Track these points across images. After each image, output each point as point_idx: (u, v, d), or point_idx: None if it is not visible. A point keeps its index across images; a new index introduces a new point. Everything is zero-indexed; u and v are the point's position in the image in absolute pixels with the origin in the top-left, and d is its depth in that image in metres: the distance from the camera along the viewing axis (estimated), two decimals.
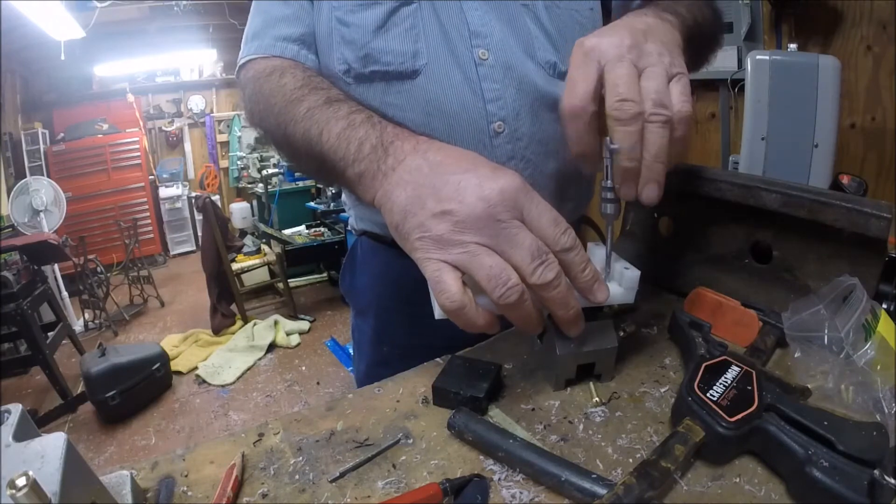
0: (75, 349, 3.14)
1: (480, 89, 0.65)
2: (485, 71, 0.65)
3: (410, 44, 0.65)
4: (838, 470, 0.36)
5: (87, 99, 5.66)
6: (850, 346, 0.50)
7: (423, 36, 0.65)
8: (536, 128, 0.68)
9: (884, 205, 0.54)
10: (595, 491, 0.38)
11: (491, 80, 0.66)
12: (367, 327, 0.84)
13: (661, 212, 0.79)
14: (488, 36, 0.65)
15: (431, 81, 0.65)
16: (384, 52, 0.65)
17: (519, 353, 0.61)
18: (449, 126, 0.66)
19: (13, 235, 3.44)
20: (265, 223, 4.47)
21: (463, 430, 0.46)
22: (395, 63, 0.65)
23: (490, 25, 0.66)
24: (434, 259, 0.43)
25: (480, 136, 0.66)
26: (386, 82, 0.66)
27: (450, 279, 0.43)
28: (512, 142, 0.67)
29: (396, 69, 0.65)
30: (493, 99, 0.66)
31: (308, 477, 0.44)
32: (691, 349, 0.52)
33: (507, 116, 0.66)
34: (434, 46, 0.65)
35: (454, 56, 0.65)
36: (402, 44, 0.65)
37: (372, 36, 0.65)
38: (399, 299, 0.79)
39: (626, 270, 0.50)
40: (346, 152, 0.51)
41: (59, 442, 0.33)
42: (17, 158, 4.87)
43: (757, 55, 1.68)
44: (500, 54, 0.66)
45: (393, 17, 0.65)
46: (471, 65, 0.65)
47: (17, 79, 4.90)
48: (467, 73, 0.65)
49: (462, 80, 0.65)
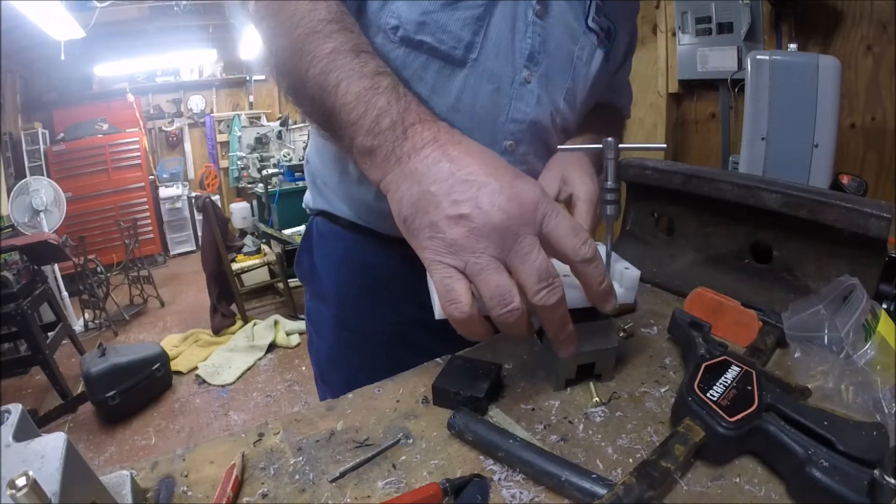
0: (75, 349, 3.14)
1: (510, 107, 0.67)
2: (521, 92, 0.66)
3: (470, 33, 0.62)
4: (838, 470, 0.36)
5: (87, 99, 5.66)
6: (850, 346, 0.50)
7: (484, 31, 0.63)
8: (537, 157, 0.72)
9: (884, 205, 0.55)
10: (595, 491, 0.38)
11: (523, 102, 0.67)
12: (329, 313, 0.83)
13: (661, 212, 0.79)
14: (540, 64, 0.66)
15: (471, 78, 0.64)
16: (442, 29, 0.61)
17: (519, 353, 0.61)
18: (468, 128, 0.63)
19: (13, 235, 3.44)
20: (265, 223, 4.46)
21: (463, 430, 0.46)
22: (448, 44, 0.62)
23: (547, 55, 0.66)
24: (445, 264, 0.43)
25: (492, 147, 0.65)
26: (429, 57, 0.63)
27: (461, 289, 0.42)
28: (516, 164, 0.66)
29: (447, 51, 0.62)
30: (516, 120, 0.67)
31: (308, 477, 0.44)
32: (691, 349, 0.52)
33: (521, 140, 0.69)
34: (489, 48, 0.64)
35: (502, 65, 0.65)
36: (462, 28, 0.62)
37: (439, 6, 0.61)
38: (362, 286, 0.79)
39: (626, 270, 0.50)
40: (363, 119, 0.47)
41: (59, 442, 0.33)
42: (17, 158, 4.87)
43: (757, 55, 1.68)
44: (541, 85, 0.67)
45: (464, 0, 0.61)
46: (511, 81, 0.66)
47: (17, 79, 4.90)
48: (505, 87, 0.65)
49: (497, 90, 0.65)
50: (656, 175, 0.75)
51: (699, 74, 2.15)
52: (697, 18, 2.09)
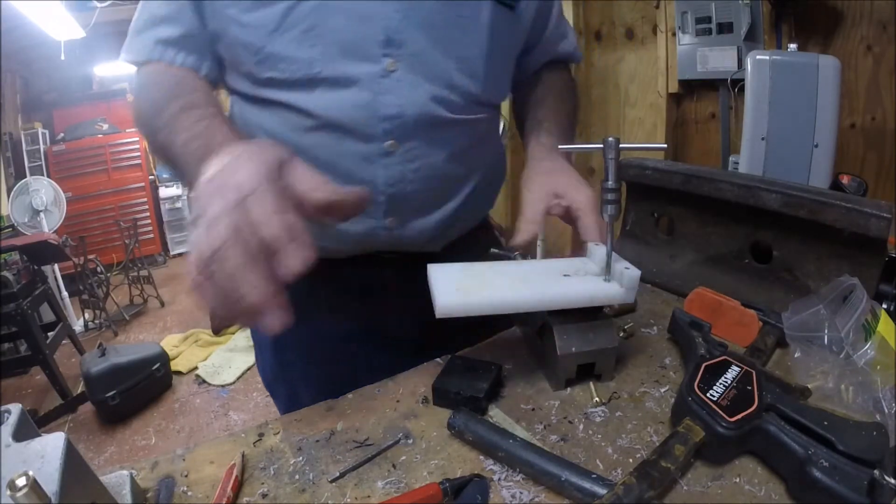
0: (75, 349, 3.14)
1: (377, 104, 0.59)
2: (389, 84, 0.59)
3: (306, 49, 0.58)
4: (838, 470, 0.36)
5: (87, 99, 5.65)
6: (850, 346, 0.50)
7: (321, 41, 0.58)
8: (430, 153, 0.64)
9: (884, 205, 0.55)
10: (595, 491, 0.38)
11: (393, 95, 0.60)
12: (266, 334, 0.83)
13: (661, 212, 0.79)
14: (403, 45, 0.59)
15: (326, 93, 0.59)
16: (279, 58, 0.59)
17: (519, 353, 0.61)
18: (338, 142, 0.61)
19: (13, 235, 3.44)
20: None
21: (463, 430, 0.46)
22: (290, 70, 0.59)
23: (408, 33, 0.59)
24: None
25: (370, 154, 0.62)
26: (284, 90, 0.61)
27: None
28: (402, 163, 0.63)
29: (291, 77, 0.59)
30: (390, 116, 0.60)
31: (308, 477, 0.44)
32: (691, 349, 0.52)
33: (403, 136, 0.61)
34: (333, 54, 0.58)
35: (356, 65, 0.59)
36: (297, 49, 0.58)
37: (268, 39, 0.58)
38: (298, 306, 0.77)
39: (626, 270, 0.50)
40: (186, 163, 0.52)
41: (59, 442, 0.33)
42: (17, 158, 4.86)
43: (757, 55, 1.68)
44: (413, 68, 0.60)
45: (290, 17, 0.57)
46: (374, 76, 0.59)
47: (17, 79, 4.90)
48: (367, 85, 0.59)
49: (358, 91, 0.59)
50: (656, 175, 0.75)
51: (699, 74, 2.15)
52: (697, 18, 2.09)
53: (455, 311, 0.48)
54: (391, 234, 0.67)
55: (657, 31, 2.29)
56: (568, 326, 0.52)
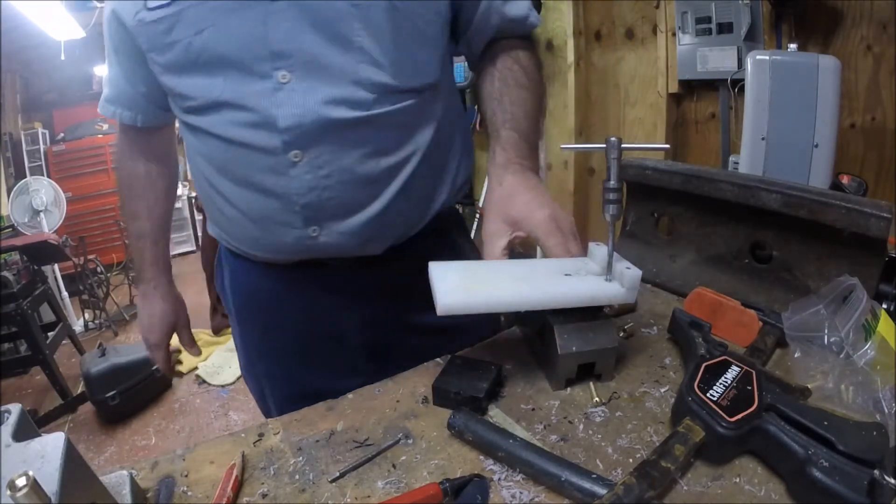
0: (75, 349, 3.14)
1: (274, 116, 0.59)
2: (283, 96, 0.59)
3: (211, 79, 0.60)
4: (838, 470, 0.36)
5: (87, 99, 5.64)
6: (850, 346, 0.50)
7: (220, 69, 0.59)
8: (340, 156, 0.61)
9: (884, 205, 0.55)
10: (595, 491, 0.38)
11: (289, 106, 0.59)
12: (236, 331, 0.85)
13: (661, 212, 0.79)
14: (293, 55, 0.58)
15: (227, 114, 0.61)
16: (191, 88, 0.62)
17: (519, 353, 0.61)
18: (247, 158, 0.62)
19: (13, 235, 3.43)
20: None
21: (463, 430, 0.46)
22: (201, 98, 0.62)
23: (297, 41, 0.58)
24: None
25: (277, 167, 0.61)
26: (199, 115, 0.64)
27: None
28: (312, 171, 0.61)
29: (202, 104, 0.62)
30: (289, 127, 0.59)
31: (308, 477, 0.44)
32: (691, 349, 0.52)
33: (305, 145, 0.60)
34: (234, 78, 0.59)
35: (250, 84, 0.59)
36: (204, 79, 0.61)
37: (179, 74, 0.62)
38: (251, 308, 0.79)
39: (627, 270, 0.50)
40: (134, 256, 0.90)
41: (59, 442, 0.33)
42: (17, 158, 4.86)
43: (757, 55, 1.68)
44: (309, 74, 0.59)
45: (190, 52, 0.60)
46: (267, 91, 0.59)
47: (17, 79, 4.90)
48: (260, 102, 0.59)
49: (256, 107, 0.59)
50: (656, 175, 0.75)
51: (699, 74, 2.14)
52: (697, 18, 2.09)
53: (456, 309, 0.48)
54: (318, 243, 0.65)
55: (657, 31, 2.28)
56: (568, 326, 0.52)
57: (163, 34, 0.60)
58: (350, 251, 0.68)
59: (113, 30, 0.69)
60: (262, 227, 0.66)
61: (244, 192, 0.65)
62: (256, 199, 0.65)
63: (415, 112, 0.65)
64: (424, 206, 0.72)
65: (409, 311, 0.74)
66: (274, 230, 0.66)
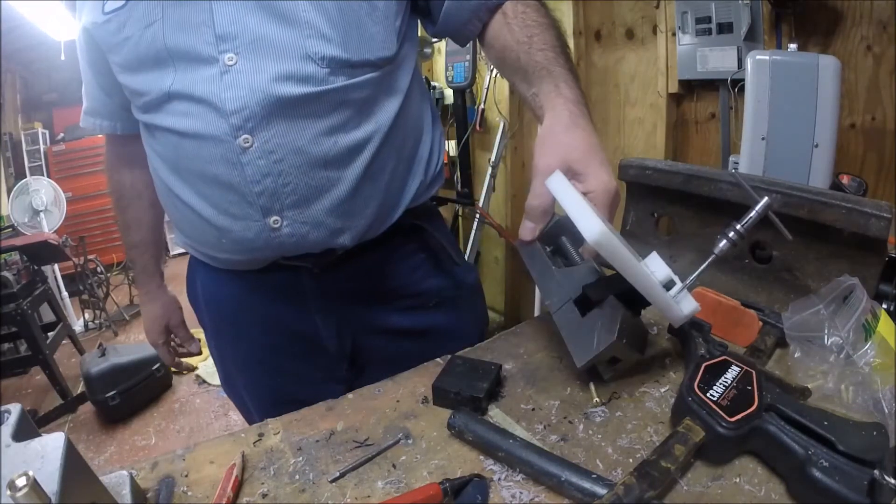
0: (75, 349, 3.14)
1: (222, 100, 0.57)
2: (230, 78, 0.57)
3: (164, 71, 0.60)
4: (838, 470, 0.36)
5: None
6: (850, 346, 0.50)
7: (172, 60, 0.59)
8: (292, 137, 0.59)
9: (884, 205, 0.54)
10: (595, 491, 0.38)
11: (236, 88, 0.57)
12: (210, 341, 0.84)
13: (661, 212, 0.79)
14: (237, 37, 0.57)
15: (177, 106, 0.60)
16: (140, 86, 0.62)
17: (519, 353, 0.61)
18: (198, 150, 0.61)
19: (13, 235, 3.43)
20: None
21: (463, 430, 0.46)
22: (150, 94, 0.62)
23: (242, 22, 0.57)
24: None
25: (228, 154, 0.59)
26: (152, 112, 0.63)
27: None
28: (264, 156, 0.59)
29: (150, 100, 0.62)
30: (236, 110, 0.57)
31: (308, 477, 0.44)
32: (691, 349, 0.52)
33: (254, 128, 0.58)
34: (185, 68, 0.59)
35: (198, 70, 0.58)
36: (150, 72, 0.61)
37: (132, 73, 0.63)
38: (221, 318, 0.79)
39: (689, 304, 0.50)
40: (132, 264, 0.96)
41: (59, 442, 0.33)
42: (17, 158, 4.86)
43: (757, 55, 1.68)
44: (256, 53, 0.57)
45: (140, 48, 0.60)
46: (215, 76, 0.57)
47: (17, 79, 4.90)
48: (208, 87, 0.58)
49: (204, 94, 0.58)
50: (656, 175, 0.75)
51: (699, 74, 2.14)
52: (697, 18, 2.09)
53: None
54: (282, 235, 0.62)
55: (657, 31, 2.28)
56: (627, 314, 0.50)
57: (115, 32, 0.61)
58: (319, 243, 0.64)
59: (83, 42, 0.70)
60: (223, 224, 0.64)
61: (200, 187, 0.64)
62: (212, 193, 0.63)
63: (372, 87, 0.62)
64: (396, 194, 0.69)
65: (383, 314, 0.73)
66: (234, 226, 0.63)
